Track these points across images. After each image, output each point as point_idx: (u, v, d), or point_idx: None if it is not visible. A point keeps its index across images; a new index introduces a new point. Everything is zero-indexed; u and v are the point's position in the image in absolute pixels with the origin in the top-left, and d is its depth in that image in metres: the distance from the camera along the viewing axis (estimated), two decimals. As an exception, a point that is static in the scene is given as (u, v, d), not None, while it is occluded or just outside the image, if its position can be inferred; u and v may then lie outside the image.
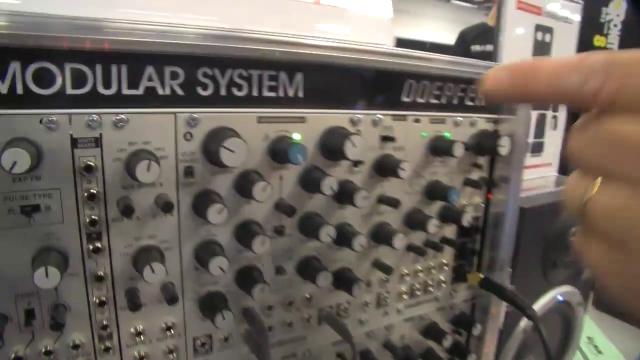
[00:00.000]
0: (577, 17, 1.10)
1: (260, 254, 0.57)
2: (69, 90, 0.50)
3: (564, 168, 1.16)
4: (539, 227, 0.96)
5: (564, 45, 1.09)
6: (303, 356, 0.73)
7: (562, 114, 1.14)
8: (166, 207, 0.53)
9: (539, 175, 1.12)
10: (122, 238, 0.55)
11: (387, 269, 0.72)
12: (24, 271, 0.50)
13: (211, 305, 0.59)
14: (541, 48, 1.06)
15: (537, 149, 1.10)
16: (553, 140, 1.14)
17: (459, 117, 0.78)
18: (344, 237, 0.66)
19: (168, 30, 0.52)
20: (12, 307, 0.52)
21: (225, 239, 0.61)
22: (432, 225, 0.73)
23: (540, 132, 1.11)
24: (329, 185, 0.60)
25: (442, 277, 0.85)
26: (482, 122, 0.82)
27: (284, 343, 0.71)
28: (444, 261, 0.84)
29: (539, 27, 1.05)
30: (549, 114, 1.12)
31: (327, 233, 0.61)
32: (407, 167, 0.67)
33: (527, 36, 1.04)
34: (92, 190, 0.52)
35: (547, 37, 1.07)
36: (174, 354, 0.61)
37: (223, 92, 0.58)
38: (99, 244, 0.54)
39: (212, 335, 0.64)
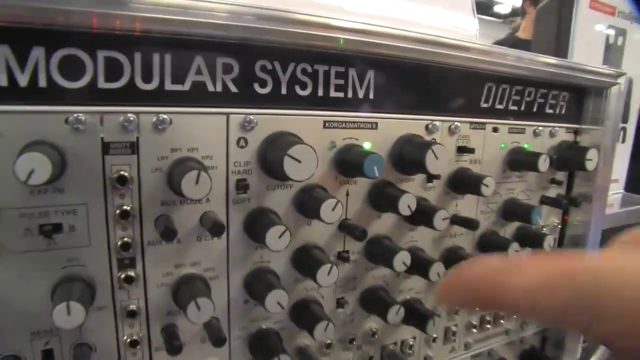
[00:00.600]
0: (651, 19, 0.97)
1: (326, 286, 0.46)
2: (102, 84, 0.39)
3: (633, 185, 1.03)
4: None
5: (637, 49, 0.96)
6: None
7: (631, 126, 1.01)
8: (216, 229, 0.41)
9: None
10: (160, 265, 0.44)
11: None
12: (42, 304, 0.39)
13: (264, 346, 0.47)
14: (613, 52, 0.93)
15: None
16: (621, 155, 1.01)
17: (539, 126, 0.66)
18: (417, 264, 0.53)
19: (218, 8, 0.41)
20: (26, 347, 0.41)
21: (280, 265, 0.49)
22: (513, 250, 0.60)
23: (605, 144, 0.97)
24: (407, 203, 0.48)
25: (513, 308, 0.72)
26: (562, 132, 0.69)
27: (341, 386, 0.59)
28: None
29: (611, 29, 0.93)
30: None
31: (403, 261, 0.49)
32: (491, 183, 0.55)
33: (599, 38, 0.91)
34: (125, 207, 0.41)
35: (620, 40, 0.94)
36: (218, 403, 0.49)
37: (284, 90, 0.46)
38: (132, 272, 0.42)
39: (261, 379, 0.52)
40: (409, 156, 0.50)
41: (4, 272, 0.39)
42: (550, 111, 0.67)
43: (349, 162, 0.47)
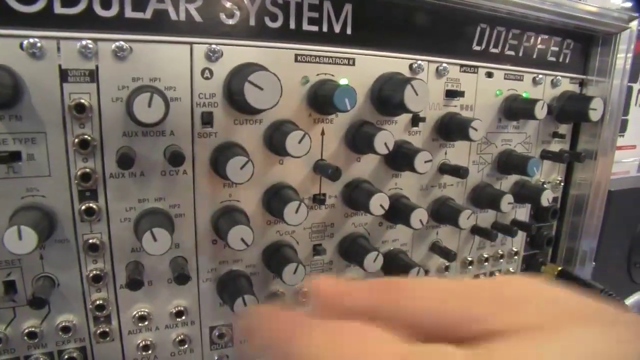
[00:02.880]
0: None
1: (294, 225, 0.43)
2: (58, 9, 0.38)
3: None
4: (627, 215, 0.78)
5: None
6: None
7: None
8: (175, 159, 0.40)
9: (620, 159, 0.92)
10: (123, 199, 0.42)
11: (449, 254, 0.57)
12: (1, 234, 0.38)
13: (232, 287, 0.46)
14: None
15: (620, 128, 0.89)
16: (639, 119, 0.95)
17: (539, 74, 0.62)
18: (398, 211, 0.51)
19: None
20: (-12, 278, 0.41)
21: (250, 206, 0.47)
22: (506, 202, 0.57)
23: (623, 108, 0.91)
24: (384, 140, 0.45)
25: (510, 268, 0.68)
26: (566, 82, 0.65)
27: (321, 338, 0.56)
28: (514, 249, 0.68)
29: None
30: (635, 86, 0.93)
31: (380, 203, 0.47)
32: (479, 126, 0.51)
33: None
34: (85, 136, 0.40)
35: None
36: (186, 345, 0.48)
37: (252, 21, 0.44)
38: (93, 205, 0.41)
39: (233, 325, 0.50)
40: (387, 93, 0.47)
41: (-38, 199, 0.38)
42: (553, 59, 0.63)
43: (320, 98, 0.45)
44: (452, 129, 0.53)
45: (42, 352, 0.44)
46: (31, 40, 0.37)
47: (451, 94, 0.55)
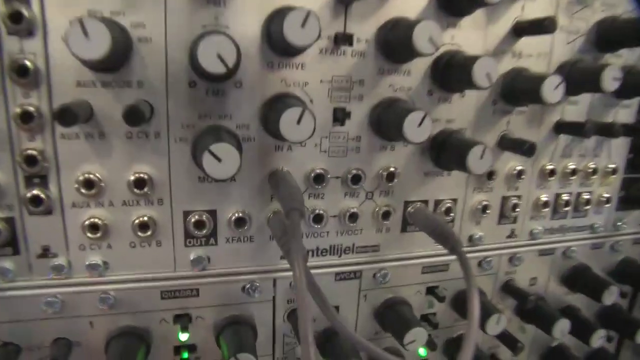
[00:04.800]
0: None
1: (301, 46, 0.31)
2: None
3: None
4: None
5: None
6: (374, 280, 0.46)
7: None
8: None
9: None
10: (66, 5, 0.32)
11: (523, 146, 0.43)
12: None
13: (210, 140, 0.33)
14: None
15: None
16: None
17: None
18: (455, 66, 0.37)
19: None
20: None
21: (245, 39, 0.35)
22: (610, 76, 0.42)
23: None
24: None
25: (604, 193, 0.53)
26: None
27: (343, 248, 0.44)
28: (612, 165, 0.52)
29: None
30: None
31: (430, 36, 0.33)
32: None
33: None
34: None
35: None
36: (150, 232, 0.37)
37: None
38: (24, 10, 0.31)
39: (217, 211, 0.38)
40: None
41: None
42: None
43: None
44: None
45: (-45, 218, 0.34)
46: None
47: None
